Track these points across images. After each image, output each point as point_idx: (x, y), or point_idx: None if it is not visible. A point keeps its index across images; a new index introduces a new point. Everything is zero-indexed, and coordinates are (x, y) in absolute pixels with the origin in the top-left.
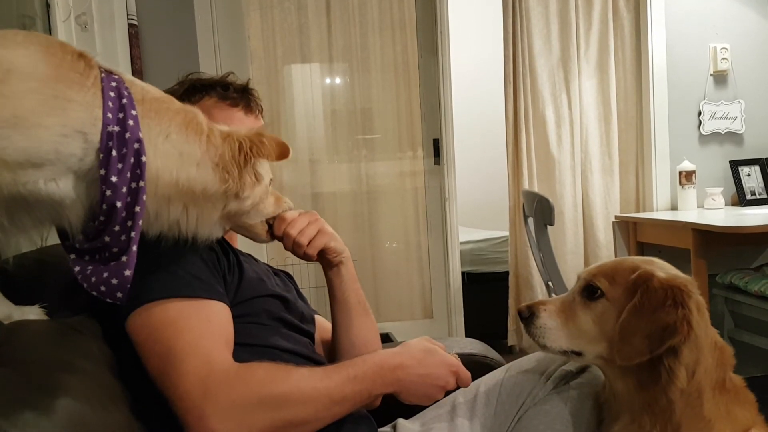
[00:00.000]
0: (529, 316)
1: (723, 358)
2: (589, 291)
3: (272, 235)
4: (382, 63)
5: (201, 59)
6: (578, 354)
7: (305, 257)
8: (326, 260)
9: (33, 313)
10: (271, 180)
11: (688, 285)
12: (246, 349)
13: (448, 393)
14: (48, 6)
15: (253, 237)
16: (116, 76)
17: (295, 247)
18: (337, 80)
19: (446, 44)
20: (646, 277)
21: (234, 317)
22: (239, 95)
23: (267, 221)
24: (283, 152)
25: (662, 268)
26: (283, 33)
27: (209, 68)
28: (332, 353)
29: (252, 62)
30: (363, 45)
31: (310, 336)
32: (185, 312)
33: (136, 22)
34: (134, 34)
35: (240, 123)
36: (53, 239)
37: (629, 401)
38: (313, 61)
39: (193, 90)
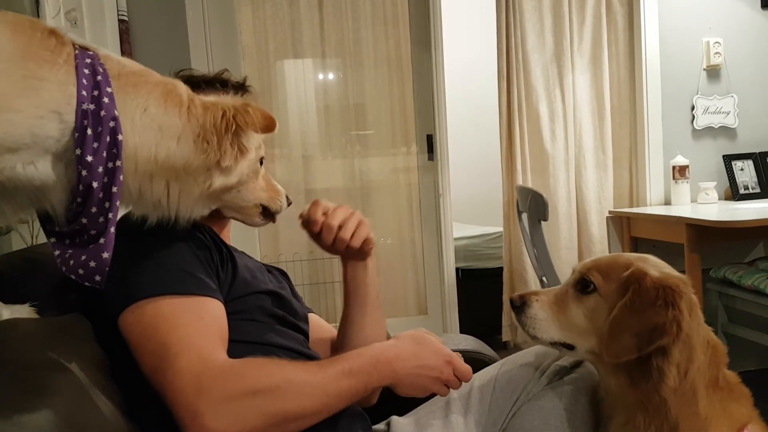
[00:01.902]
0: (521, 305)
1: (716, 357)
2: (583, 284)
3: (307, 228)
4: (375, 58)
5: (192, 55)
6: (570, 347)
7: (342, 251)
8: (363, 252)
9: (24, 312)
10: (262, 159)
11: (680, 285)
12: (240, 345)
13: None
14: (37, 2)
15: (247, 220)
16: (91, 52)
17: (336, 243)
18: (330, 76)
19: (439, 39)
20: (639, 275)
21: (227, 314)
22: (237, 92)
23: (262, 206)
24: (269, 125)
25: (656, 266)
26: (275, 28)
27: (201, 64)
28: (341, 350)
29: (244, 58)
30: (356, 40)
31: (305, 333)
32: (178, 309)
33: (126, 18)
34: (125, 30)
35: None
36: (43, 237)
37: (623, 399)
38: (305, 56)
39: (190, 85)
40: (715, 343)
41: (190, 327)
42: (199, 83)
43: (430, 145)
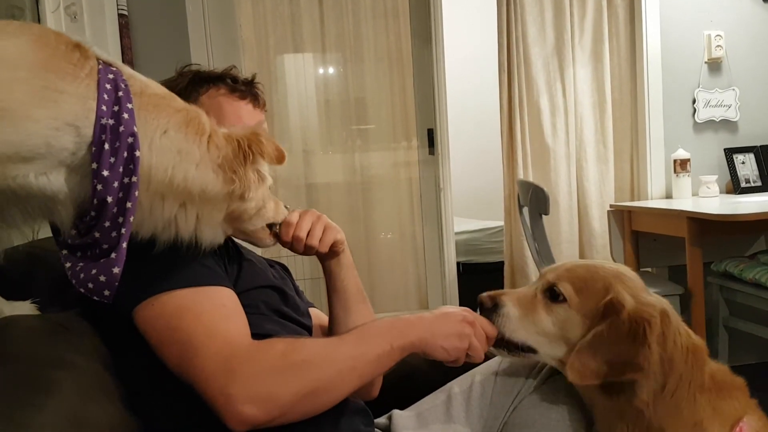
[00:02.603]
0: (492, 306)
1: (696, 359)
2: (552, 293)
3: (279, 240)
4: (375, 52)
5: (192, 49)
6: (533, 351)
7: (313, 254)
8: (331, 252)
9: (24, 308)
10: (270, 185)
11: (653, 318)
12: None
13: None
14: None
15: (256, 242)
16: (114, 69)
17: (306, 250)
18: (330, 70)
19: (440, 33)
20: (617, 306)
21: None
22: (246, 88)
23: (268, 225)
24: (279, 156)
25: (632, 289)
26: (275, 22)
27: (201, 59)
28: None
29: (244, 52)
30: (356, 34)
31: (308, 329)
32: (199, 299)
33: (126, 13)
34: (125, 25)
35: (249, 116)
36: (44, 233)
37: (601, 407)
38: (305, 50)
39: (200, 81)
40: (695, 345)
41: (215, 314)
42: (206, 79)
43: (430, 139)
